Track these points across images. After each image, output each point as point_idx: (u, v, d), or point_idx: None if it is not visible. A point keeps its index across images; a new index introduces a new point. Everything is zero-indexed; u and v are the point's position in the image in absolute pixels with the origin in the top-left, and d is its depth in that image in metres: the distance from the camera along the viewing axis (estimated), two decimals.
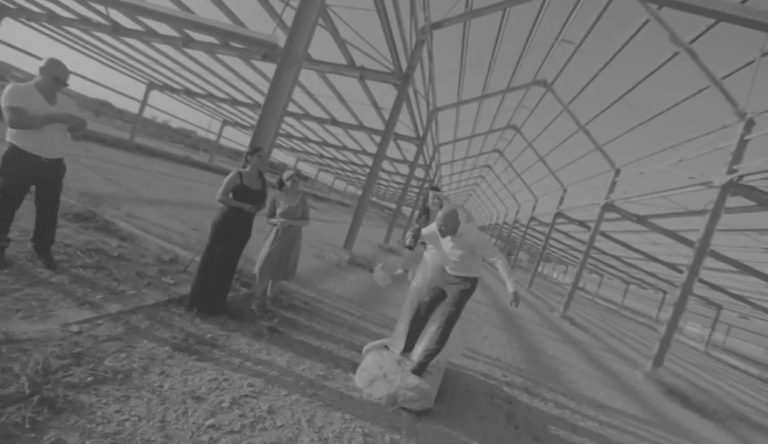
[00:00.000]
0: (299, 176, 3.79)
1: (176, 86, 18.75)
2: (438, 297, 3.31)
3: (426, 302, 3.36)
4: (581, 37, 10.08)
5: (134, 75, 18.96)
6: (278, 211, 3.70)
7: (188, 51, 12.46)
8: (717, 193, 7.76)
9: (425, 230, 3.45)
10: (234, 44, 9.86)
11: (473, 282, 3.16)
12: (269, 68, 12.14)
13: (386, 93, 10.45)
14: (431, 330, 3.18)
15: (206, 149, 39.01)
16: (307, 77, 11.68)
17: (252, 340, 3.12)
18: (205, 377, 2.34)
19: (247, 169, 3.50)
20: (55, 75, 2.81)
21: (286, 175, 3.74)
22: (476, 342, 5.82)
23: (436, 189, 3.77)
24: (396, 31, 8.44)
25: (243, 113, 20.88)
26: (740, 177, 7.64)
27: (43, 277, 2.84)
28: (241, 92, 15.64)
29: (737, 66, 7.64)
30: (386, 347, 3.46)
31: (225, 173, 21.71)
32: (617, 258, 23.97)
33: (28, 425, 1.57)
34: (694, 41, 7.79)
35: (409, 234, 3.46)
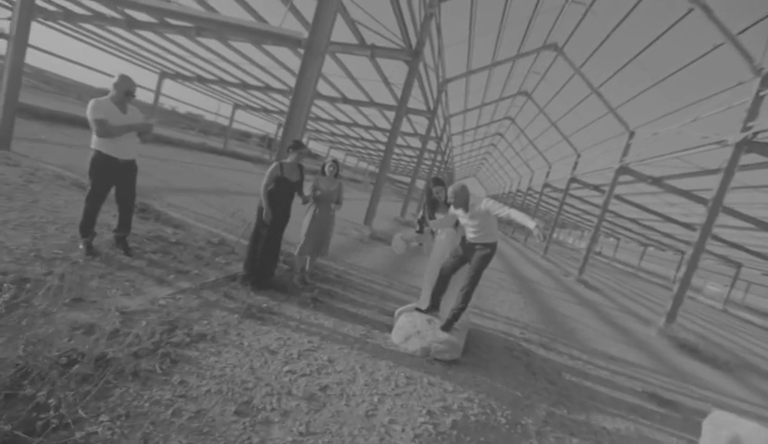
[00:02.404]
0: (336, 164, 4.20)
1: (188, 74, 19.02)
2: (461, 260, 3.72)
3: (449, 263, 3.76)
4: None
5: (147, 65, 19.28)
6: (317, 193, 4.14)
7: (200, 39, 12.69)
8: (731, 152, 7.82)
9: (438, 221, 3.90)
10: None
11: (492, 247, 3.55)
12: (280, 52, 12.30)
13: (396, 68, 10.56)
14: (456, 291, 3.62)
15: (216, 133, 39.42)
16: None
17: (300, 308, 3.62)
18: (273, 337, 2.84)
19: (287, 161, 3.90)
20: (126, 89, 3.25)
21: (327, 163, 4.17)
22: (495, 305, 6.27)
23: (439, 182, 4.08)
24: (405, 8, 8.50)
25: (254, 95, 21.10)
26: (755, 134, 7.66)
27: (126, 262, 3.36)
28: (253, 75, 15.85)
29: (754, 19, 7.52)
30: (417, 309, 3.93)
31: (240, 158, 22.22)
32: (634, 221, 23.89)
33: (159, 370, 2.08)
34: None
35: (418, 220, 3.98)
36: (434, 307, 3.86)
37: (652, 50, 10.01)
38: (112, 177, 3.33)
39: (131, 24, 11.12)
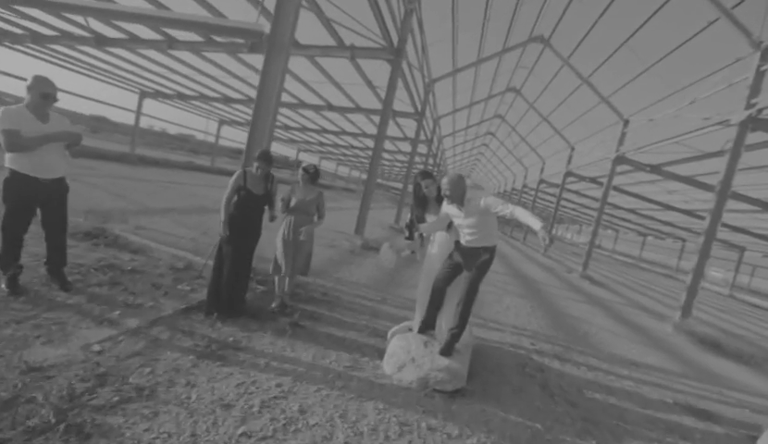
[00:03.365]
0: (310, 170, 3.67)
1: (167, 91, 18.56)
2: (456, 268, 3.20)
3: (443, 274, 3.24)
4: None
5: (125, 85, 18.80)
6: (291, 203, 3.62)
7: (174, 53, 12.26)
8: (736, 131, 7.41)
9: (430, 224, 3.36)
10: (217, 39, 9.61)
11: (492, 251, 3.05)
12: (258, 60, 11.86)
13: (379, 68, 10.13)
14: (453, 307, 3.09)
15: (207, 152, 38.97)
16: (298, 64, 11.40)
17: (275, 338, 3.08)
18: (232, 383, 2.30)
19: (252, 171, 3.40)
20: (42, 91, 2.70)
21: (301, 169, 3.67)
22: (500, 313, 5.74)
23: (428, 175, 3.47)
24: (383, 4, 8.09)
25: (238, 110, 20.64)
26: (759, 111, 7.25)
27: (60, 300, 2.82)
28: (233, 88, 15.41)
29: None
30: (410, 329, 3.40)
31: (228, 174, 21.71)
32: (632, 211, 23.53)
33: None
34: None
35: (407, 224, 3.46)
36: (429, 326, 3.33)
37: (642, 34, 9.65)
38: (33, 200, 2.79)
39: (100, 42, 10.66)
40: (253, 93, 15.85)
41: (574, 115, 15.93)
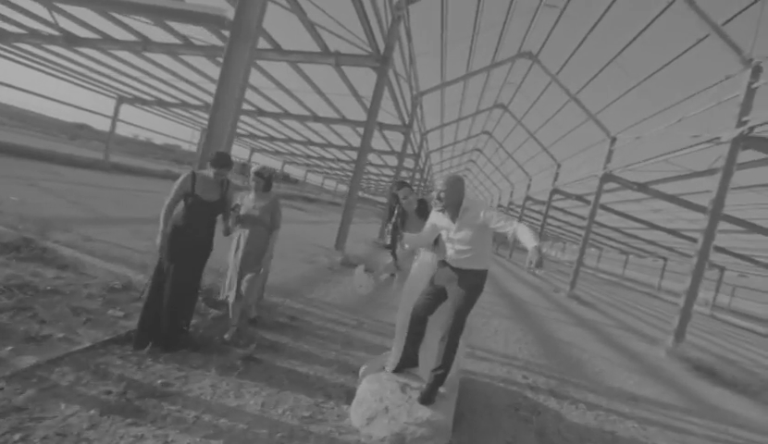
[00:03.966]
0: (263, 174, 3.16)
1: (146, 97, 17.87)
2: (439, 295, 2.69)
3: (423, 302, 2.73)
4: (565, 0, 9.46)
5: (101, 90, 18.03)
6: (241, 212, 3.08)
7: (152, 57, 11.70)
8: (727, 149, 7.23)
9: (414, 237, 2.80)
10: (194, 42, 9.13)
11: (482, 276, 2.57)
12: None
13: (366, 76, 9.76)
14: (436, 344, 2.57)
15: (191, 162, 38.03)
16: (282, 72, 10.99)
17: (219, 378, 2.51)
18: None
19: (204, 173, 2.87)
20: None
21: (253, 173, 3.14)
22: (489, 339, 5.25)
23: (404, 184, 3.00)
24: (370, 9, 7.77)
25: None
26: (751, 128, 7.10)
27: None
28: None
29: (739, 8, 7.07)
30: (384, 368, 2.85)
31: None
32: (617, 230, 23.59)
33: None
34: None
35: (387, 236, 2.88)
36: (408, 364, 2.80)
37: (631, 51, 9.57)
38: None
39: (70, 40, 10.04)
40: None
41: (561, 132, 15.91)
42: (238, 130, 21.83)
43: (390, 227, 2.83)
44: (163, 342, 2.70)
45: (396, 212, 2.85)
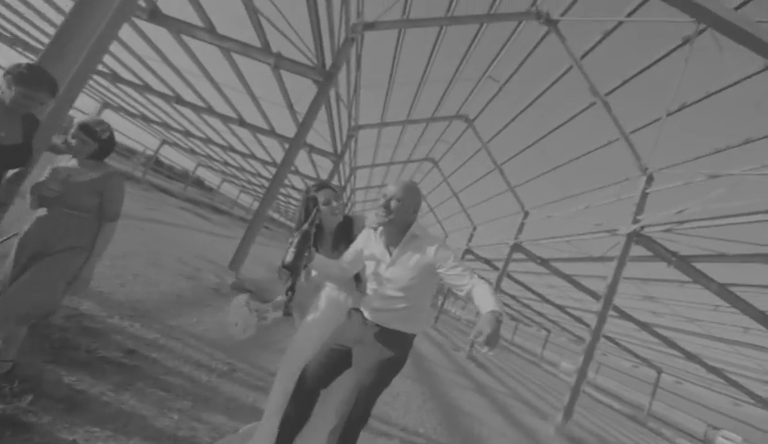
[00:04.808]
0: (105, 134, 2.05)
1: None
2: (341, 360, 1.85)
3: (317, 367, 1.85)
4: (507, 76, 10.13)
5: None
6: (49, 187, 1.92)
7: None
8: (624, 241, 7.93)
9: (325, 260, 1.92)
10: None
11: (407, 343, 1.83)
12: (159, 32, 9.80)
13: (305, 92, 9.01)
14: (324, 436, 1.70)
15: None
16: (212, 60, 9.73)
17: None
18: None
19: None
20: None
21: (76, 126, 1.98)
22: (388, 404, 4.45)
23: (328, 187, 2.17)
24: (324, 20, 7.24)
25: (127, 94, 17.17)
26: (642, 227, 7.93)
27: None
28: (126, 66, 12.65)
29: (644, 122, 8.11)
30: None
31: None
32: (513, 297, 25.37)
33: None
34: (610, 93, 8.12)
35: (291, 250, 1.77)
36: None
37: (553, 137, 10.49)
38: None
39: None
40: (150, 80, 13.22)
41: (481, 196, 16.81)
42: (148, 114, 19.10)
43: (298, 237, 1.77)
44: None
45: (311, 218, 1.87)
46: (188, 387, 2.65)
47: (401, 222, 1.82)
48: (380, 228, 1.91)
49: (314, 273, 2.00)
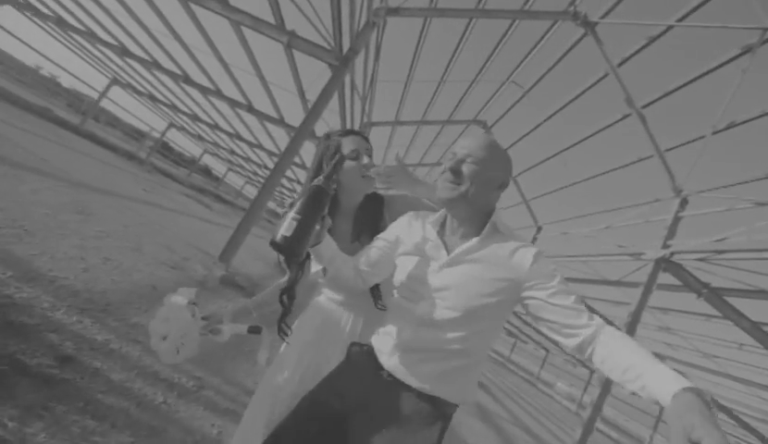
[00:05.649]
0: None
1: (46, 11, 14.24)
2: (324, 431, 1.03)
3: (295, 422, 1.05)
4: (529, 81, 9.53)
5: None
6: None
7: None
8: (651, 267, 7.28)
9: (333, 247, 1.14)
10: None
11: (447, 421, 1.00)
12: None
13: (318, 79, 8.42)
14: None
15: (96, 118, 31.97)
16: (222, 38, 9.18)
17: None
18: None
19: None
20: None
21: None
22: None
23: (357, 133, 1.38)
24: (345, 1, 6.69)
25: (136, 71, 16.69)
26: (672, 253, 7.27)
27: None
28: (135, 39, 12.15)
29: (680, 140, 7.46)
30: None
31: (103, 145, 16.99)
32: (515, 313, 24.64)
33: None
34: (648, 105, 7.49)
35: (291, 217, 0.95)
36: None
37: (576, 149, 9.84)
38: None
39: None
40: (160, 56, 12.71)
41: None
42: (156, 94, 18.62)
43: (305, 196, 1.01)
44: None
45: (328, 172, 1.08)
46: (132, 412, 2.03)
47: (476, 201, 1.06)
48: (434, 215, 1.18)
49: (313, 267, 1.32)
